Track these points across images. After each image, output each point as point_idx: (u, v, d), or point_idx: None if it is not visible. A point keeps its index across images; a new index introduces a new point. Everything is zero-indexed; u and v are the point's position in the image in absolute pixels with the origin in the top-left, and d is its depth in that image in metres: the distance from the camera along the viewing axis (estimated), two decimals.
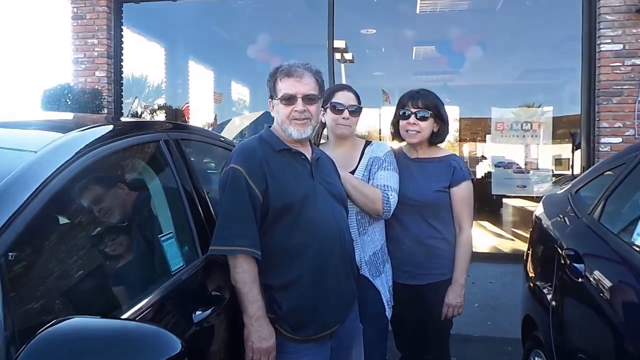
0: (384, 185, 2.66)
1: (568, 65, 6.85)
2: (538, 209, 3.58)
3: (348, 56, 9.92)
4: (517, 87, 9.95)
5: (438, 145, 2.93)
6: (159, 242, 1.88)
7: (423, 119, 2.77)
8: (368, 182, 2.70)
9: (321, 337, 2.21)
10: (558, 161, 7.78)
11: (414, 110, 2.77)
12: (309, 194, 2.21)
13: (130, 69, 7.30)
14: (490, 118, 7.19)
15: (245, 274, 2.07)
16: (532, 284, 3.20)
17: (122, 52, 6.66)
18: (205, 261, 2.12)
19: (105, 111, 6.16)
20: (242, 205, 2.10)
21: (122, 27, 6.65)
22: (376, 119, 12.30)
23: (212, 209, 2.34)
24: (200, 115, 8.91)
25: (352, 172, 2.73)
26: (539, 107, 7.31)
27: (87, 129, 1.84)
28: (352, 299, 2.40)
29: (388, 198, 2.63)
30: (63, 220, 1.62)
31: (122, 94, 6.67)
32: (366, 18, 8.42)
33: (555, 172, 7.57)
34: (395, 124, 2.91)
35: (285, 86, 2.24)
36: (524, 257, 3.57)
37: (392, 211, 2.66)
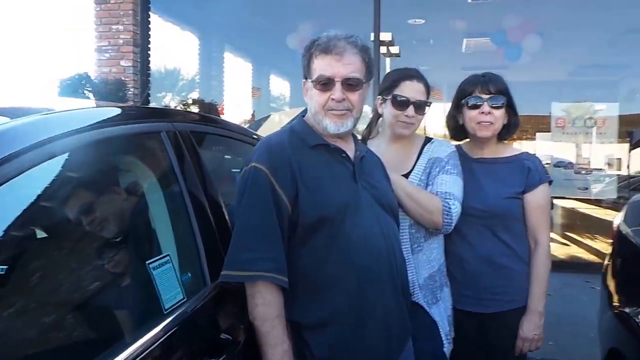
0: (445, 193, 2.13)
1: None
2: (619, 217, 3.13)
3: (394, 50, 9.39)
4: (577, 82, 9.31)
5: (505, 141, 2.41)
6: (146, 270, 1.37)
7: (497, 107, 2.25)
8: (426, 188, 2.18)
9: None
10: (619, 162, 7.45)
11: (485, 97, 2.24)
12: (350, 203, 1.72)
13: (162, 60, 6.93)
14: (550, 115, 6.63)
15: (266, 307, 1.58)
16: (619, 311, 2.69)
17: (149, 39, 6.23)
18: (216, 290, 1.61)
19: (131, 103, 5.75)
20: (265, 216, 1.62)
21: (149, 12, 6.22)
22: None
23: (229, 221, 1.83)
24: (236, 111, 8.51)
25: (407, 176, 2.21)
26: (596, 103, 6.96)
27: (48, 113, 1.35)
28: (405, 337, 1.89)
29: (449, 208, 2.10)
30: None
31: (150, 85, 6.24)
32: (415, 6, 7.84)
33: (620, 174, 7.15)
34: (452, 118, 2.37)
35: (321, 65, 1.73)
36: (603, 274, 3.13)
37: (453, 224, 2.13)
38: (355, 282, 1.67)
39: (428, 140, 2.32)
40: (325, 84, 1.72)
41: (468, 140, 2.43)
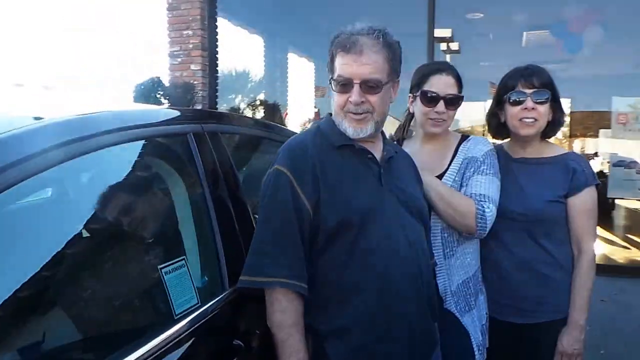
0: (480, 195, 1.92)
1: None
2: None
3: (454, 46, 9.02)
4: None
5: (549, 140, 2.14)
6: (159, 275, 1.30)
7: (542, 102, 1.99)
8: (460, 190, 1.98)
9: None
10: None
11: (529, 91, 1.99)
12: (375, 208, 1.56)
13: (233, 63, 6.96)
14: (610, 111, 6.10)
15: (283, 314, 1.47)
16: None
17: (217, 43, 6.25)
18: (234, 295, 1.53)
19: (200, 106, 5.81)
20: (285, 222, 1.50)
21: (217, 16, 6.23)
22: (482, 114, 11.27)
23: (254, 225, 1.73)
24: (300, 111, 8.45)
25: (441, 176, 2.01)
26: None
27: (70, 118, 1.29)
28: (431, 347, 1.72)
29: (483, 212, 1.88)
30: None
31: (218, 87, 6.28)
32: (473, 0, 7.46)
33: None
34: (493, 115, 2.14)
35: (340, 64, 1.57)
36: None
37: (487, 229, 1.91)
38: (377, 289, 1.53)
39: (464, 138, 2.11)
40: (344, 84, 1.56)
41: (510, 139, 2.20)
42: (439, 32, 8.43)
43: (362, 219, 1.53)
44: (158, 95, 5.24)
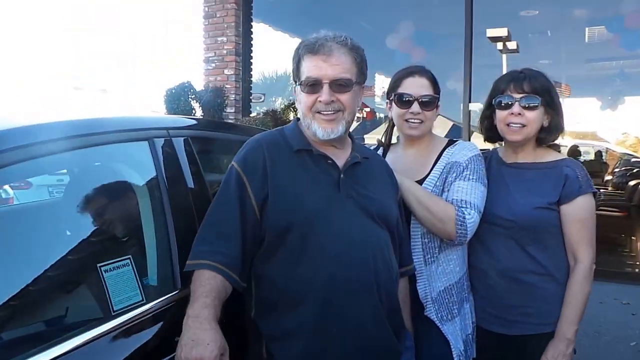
0: (461, 201, 1.91)
1: None
2: None
3: (511, 45, 8.80)
4: None
5: (548, 145, 2.08)
6: (98, 272, 1.41)
7: (530, 107, 1.96)
8: (441, 195, 1.97)
9: None
10: None
11: (517, 96, 1.97)
12: (324, 213, 1.60)
13: (274, 66, 7.14)
14: None
15: (202, 287, 1.46)
16: None
17: (252, 48, 6.46)
18: (185, 294, 1.60)
19: (233, 110, 6.02)
20: (227, 214, 1.58)
21: (252, 22, 6.45)
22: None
23: None
24: None
25: (421, 181, 2.02)
26: None
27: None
28: (387, 354, 1.70)
29: (463, 218, 1.88)
30: None
31: (251, 92, 6.47)
32: None
33: None
34: (486, 118, 2.12)
35: (308, 67, 1.63)
36: None
37: (468, 236, 1.90)
38: (322, 296, 1.55)
39: (451, 143, 2.11)
40: (313, 85, 1.62)
41: (503, 143, 2.16)
42: (493, 32, 8.29)
43: (307, 221, 1.57)
44: (189, 99, 5.45)
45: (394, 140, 2.26)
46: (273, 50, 7.01)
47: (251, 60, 6.47)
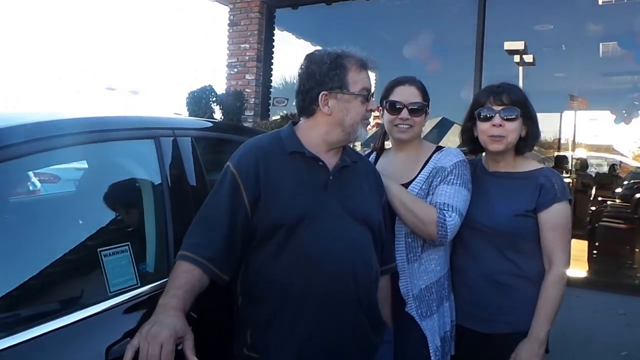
0: (444, 204, 1.97)
1: None
2: None
3: (528, 58, 8.77)
4: None
5: (526, 155, 2.13)
6: (98, 256, 1.51)
7: (510, 119, 2.01)
8: (426, 198, 2.04)
9: None
10: None
11: (497, 108, 2.02)
12: (312, 212, 1.66)
13: (295, 73, 7.24)
14: None
15: (177, 279, 1.54)
16: None
17: (273, 55, 6.59)
18: None
19: (252, 113, 6.14)
20: (217, 211, 1.65)
21: (274, 31, 6.58)
22: (557, 126, 10.78)
23: None
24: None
25: (408, 184, 2.08)
26: None
27: None
28: (363, 351, 1.77)
29: (444, 220, 1.94)
30: None
31: (272, 96, 6.59)
32: (539, 11, 7.24)
33: None
34: (467, 130, 2.18)
35: (363, 78, 1.78)
36: None
37: (448, 237, 1.96)
38: (302, 289, 1.62)
39: (438, 149, 2.18)
40: (368, 97, 1.78)
41: (484, 153, 2.21)
42: (510, 45, 8.27)
43: (296, 221, 1.63)
44: (210, 102, 5.58)
45: (388, 145, 2.34)
46: (294, 57, 7.10)
47: (271, 67, 6.60)
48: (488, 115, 2.03)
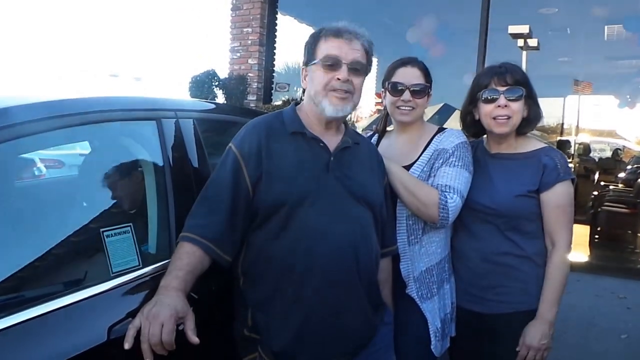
0: (445, 185, 1.96)
1: None
2: None
3: (532, 42, 8.69)
4: None
5: (528, 135, 2.11)
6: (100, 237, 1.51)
7: (515, 99, 1.99)
8: (428, 180, 2.03)
9: None
10: None
11: (501, 89, 1.99)
12: (313, 192, 1.66)
13: (298, 58, 7.19)
14: None
15: (180, 260, 1.54)
16: None
17: (275, 39, 6.53)
18: None
19: (255, 97, 6.11)
20: (218, 192, 1.65)
21: (277, 15, 6.51)
22: (560, 110, 10.71)
23: None
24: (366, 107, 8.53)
25: (410, 166, 2.07)
26: None
27: None
28: (365, 334, 1.77)
29: (446, 202, 1.93)
30: None
31: (274, 80, 6.55)
32: None
33: None
34: (467, 113, 2.16)
35: (330, 47, 1.70)
36: None
37: (450, 219, 1.95)
38: (302, 268, 1.61)
39: (440, 130, 2.16)
40: (332, 65, 1.69)
41: (486, 135, 2.19)
42: (514, 29, 8.18)
43: (297, 201, 1.63)
44: (212, 87, 5.56)
45: (390, 127, 2.32)
46: (298, 42, 7.05)
47: (274, 51, 6.55)
48: (492, 97, 2.01)
